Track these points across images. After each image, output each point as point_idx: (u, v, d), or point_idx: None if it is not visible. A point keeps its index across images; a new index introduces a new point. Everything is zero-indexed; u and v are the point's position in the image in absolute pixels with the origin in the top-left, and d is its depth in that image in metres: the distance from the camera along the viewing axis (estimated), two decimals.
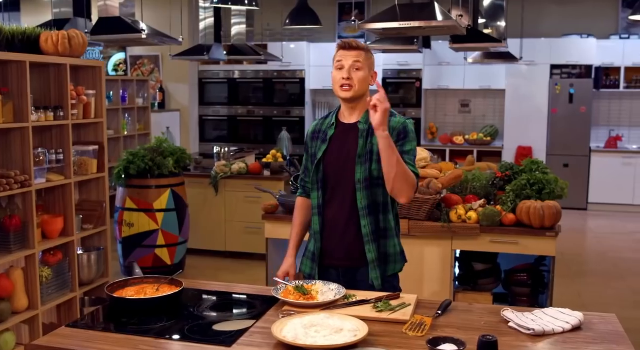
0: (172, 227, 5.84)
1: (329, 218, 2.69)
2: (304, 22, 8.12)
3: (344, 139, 2.65)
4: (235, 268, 6.30)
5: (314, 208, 2.71)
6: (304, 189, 2.85)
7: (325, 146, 2.67)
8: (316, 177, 2.69)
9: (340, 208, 2.66)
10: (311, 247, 2.77)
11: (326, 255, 2.71)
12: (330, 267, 2.72)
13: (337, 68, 2.60)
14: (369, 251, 2.63)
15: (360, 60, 2.58)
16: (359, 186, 2.60)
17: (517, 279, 4.29)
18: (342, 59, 2.59)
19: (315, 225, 2.71)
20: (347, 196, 2.64)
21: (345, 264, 2.69)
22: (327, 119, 2.76)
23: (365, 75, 2.60)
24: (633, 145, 9.66)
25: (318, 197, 2.69)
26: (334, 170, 2.65)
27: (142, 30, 4.63)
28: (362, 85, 2.59)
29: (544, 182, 4.15)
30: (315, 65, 10.43)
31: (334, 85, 2.62)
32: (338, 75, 2.59)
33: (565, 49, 9.39)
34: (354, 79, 2.57)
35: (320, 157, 2.66)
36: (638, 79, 9.40)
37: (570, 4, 9.70)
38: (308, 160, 2.78)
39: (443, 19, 4.05)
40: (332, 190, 2.67)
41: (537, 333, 2.17)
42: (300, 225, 2.84)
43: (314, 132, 2.76)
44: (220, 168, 6.43)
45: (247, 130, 10.65)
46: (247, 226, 6.50)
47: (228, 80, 10.54)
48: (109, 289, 2.48)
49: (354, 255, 2.66)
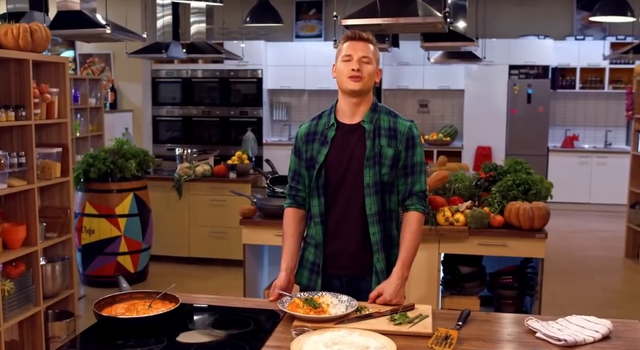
0: (135, 233, 5.56)
1: (332, 226, 2.50)
2: (265, 20, 7.92)
3: (346, 140, 2.47)
4: (201, 274, 6.04)
5: (316, 216, 2.50)
6: (294, 198, 2.60)
7: (327, 149, 2.47)
8: (317, 182, 2.48)
9: (345, 214, 2.48)
10: (310, 257, 2.57)
11: (329, 265, 2.53)
12: (333, 276, 2.54)
13: (345, 60, 2.43)
14: (377, 260, 2.46)
15: (369, 55, 2.43)
16: (368, 191, 2.43)
17: (502, 282, 4.20)
18: (350, 52, 2.42)
19: (317, 235, 2.51)
20: (353, 201, 2.46)
21: (350, 272, 2.51)
22: (322, 119, 2.55)
23: (374, 70, 2.45)
24: (588, 144, 9.82)
25: (319, 205, 2.49)
26: (337, 174, 2.46)
27: (107, 25, 4.34)
28: (370, 79, 2.44)
29: (529, 182, 4.08)
30: (273, 64, 10.22)
31: (340, 77, 2.45)
32: (345, 67, 2.42)
33: (523, 49, 9.47)
34: (363, 71, 2.41)
35: (322, 162, 2.47)
36: (593, 79, 9.56)
37: (526, 5, 9.79)
38: (301, 166, 2.56)
39: (428, 16, 3.92)
40: (335, 196, 2.48)
41: (569, 344, 2.04)
42: (293, 239, 2.57)
43: (307, 134, 2.54)
44: (184, 170, 6.16)
45: (203, 131, 10.34)
46: (212, 231, 6.25)
47: (182, 80, 10.22)
48: (96, 307, 2.24)
49: (361, 264, 2.49)
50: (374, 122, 2.46)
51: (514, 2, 9.77)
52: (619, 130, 9.85)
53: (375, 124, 2.45)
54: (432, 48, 6.19)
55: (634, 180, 6.73)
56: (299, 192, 2.59)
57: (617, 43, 9.31)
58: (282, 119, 10.59)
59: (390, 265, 2.48)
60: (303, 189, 2.57)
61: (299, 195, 2.59)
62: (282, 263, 2.54)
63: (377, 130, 2.45)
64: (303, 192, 2.58)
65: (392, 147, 2.43)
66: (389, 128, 2.45)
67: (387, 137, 2.43)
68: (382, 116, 2.48)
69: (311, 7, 10.38)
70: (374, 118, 2.46)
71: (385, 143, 2.43)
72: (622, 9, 7.08)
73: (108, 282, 5.52)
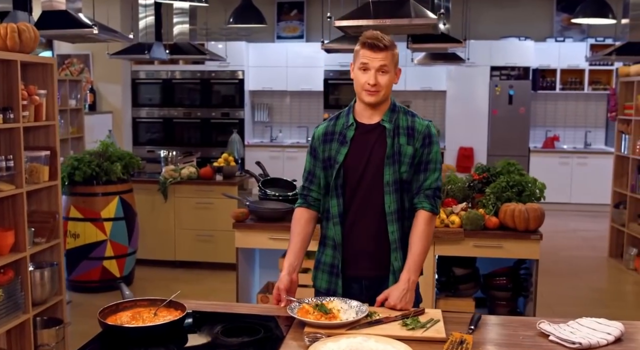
0: (121, 237, 5.46)
1: (349, 226, 2.47)
2: (248, 21, 7.85)
3: (365, 140, 2.45)
4: (188, 278, 5.96)
5: (334, 217, 2.47)
6: (305, 198, 2.58)
7: (347, 149, 2.44)
8: (335, 182, 2.46)
9: (364, 214, 2.46)
10: (327, 260, 2.54)
11: (349, 267, 2.50)
12: (352, 279, 2.51)
13: (362, 69, 2.39)
14: (395, 259, 2.45)
15: (387, 63, 2.37)
16: (388, 189, 2.41)
17: (496, 283, 4.20)
18: (367, 61, 2.37)
19: (336, 236, 2.48)
20: (371, 201, 2.44)
21: (370, 274, 2.48)
22: (340, 119, 2.52)
23: (392, 77, 2.41)
24: (568, 145, 9.92)
25: (338, 205, 2.46)
26: (355, 174, 2.44)
27: (94, 25, 4.25)
28: (388, 88, 2.41)
29: (523, 183, 4.09)
30: (255, 65, 10.16)
31: (357, 86, 2.42)
32: (362, 78, 2.38)
33: (504, 51, 9.53)
34: (380, 83, 2.37)
35: (342, 161, 2.44)
36: (573, 80, 9.66)
37: (507, 7, 9.86)
38: (317, 167, 2.53)
39: (424, 17, 3.91)
40: (353, 196, 2.46)
41: (584, 347, 2.03)
42: (299, 238, 2.54)
43: (325, 134, 2.52)
44: (169, 173, 6.07)
45: (184, 133, 10.24)
46: (199, 234, 6.17)
47: (163, 81, 10.10)
48: (101, 315, 2.18)
49: (381, 264, 2.47)
50: (394, 121, 2.44)
51: (495, 4, 9.84)
52: (599, 131, 9.97)
53: (395, 123, 2.44)
54: (419, 49, 6.20)
55: (618, 180, 6.81)
56: (311, 192, 2.56)
57: (597, 45, 9.43)
58: (264, 121, 10.53)
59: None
60: (316, 189, 2.55)
61: (311, 196, 2.56)
62: (285, 262, 2.51)
63: (397, 129, 2.44)
64: (315, 193, 2.55)
65: (411, 145, 2.42)
66: (407, 127, 2.45)
67: (405, 136, 2.42)
68: (400, 116, 2.47)
69: (293, 8, 10.33)
70: (393, 117, 2.45)
71: (404, 141, 2.42)
72: (603, 11, 7.16)
73: (93, 287, 5.43)
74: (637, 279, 6.13)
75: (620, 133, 6.66)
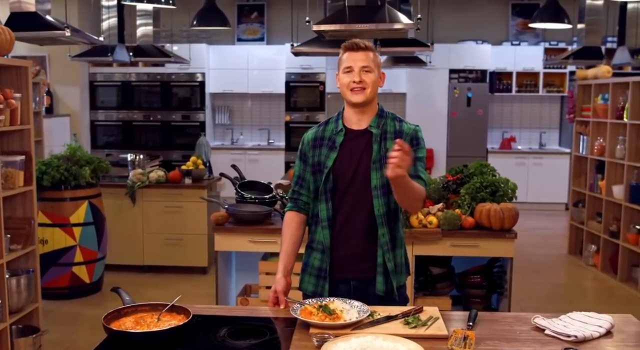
0: (90, 242, 5.38)
1: (338, 230, 2.52)
2: (212, 23, 7.83)
3: (354, 145, 2.50)
4: (158, 283, 5.91)
5: (323, 221, 2.52)
6: (295, 202, 2.62)
7: (336, 154, 2.49)
8: (325, 187, 2.50)
9: (353, 218, 2.50)
10: (315, 263, 2.58)
11: (337, 270, 2.54)
12: (340, 282, 2.55)
13: (346, 72, 2.45)
14: (388, 260, 2.50)
15: (370, 63, 2.45)
16: (376, 193, 2.46)
17: (471, 282, 4.31)
18: (350, 63, 2.44)
19: (325, 240, 2.52)
20: (360, 205, 2.49)
21: (358, 276, 2.53)
22: (329, 125, 2.58)
23: (376, 78, 2.48)
24: (524, 146, 10.20)
25: (327, 209, 2.51)
26: (344, 178, 2.49)
27: (66, 27, 4.18)
28: (374, 88, 2.47)
29: (496, 184, 4.21)
30: (215, 68, 10.11)
31: (343, 89, 2.48)
32: (347, 79, 2.45)
33: (463, 54, 9.74)
34: (366, 81, 2.43)
35: (331, 166, 2.49)
36: (528, 83, 9.94)
37: (464, 11, 10.08)
38: (306, 171, 2.58)
39: (402, 22, 3.98)
40: (342, 200, 2.51)
41: (579, 339, 2.13)
42: (291, 242, 2.58)
43: (314, 140, 2.57)
44: (137, 177, 6.01)
45: (144, 136, 10.10)
46: (168, 238, 6.13)
47: (122, 84, 9.95)
48: (105, 321, 2.17)
49: (369, 266, 2.51)
50: (381, 126, 2.50)
51: (452, 9, 10.04)
52: (552, 132, 10.28)
53: (382, 128, 2.50)
54: (387, 53, 6.29)
55: (576, 180, 7.04)
56: (301, 196, 2.60)
57: (551, 48, 9.73)
58: (225, 123, 10.49)
59: (398, 265, 2.54)
60: (306, 193, 2.58)
61: (301, 199, 2.60)
62: (279, 264, 2.54)
63: (384, 134, 2.49)
64: (305, 197, 2.59)
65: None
66: (395, 131, 2.50)
67: (393, 140, 2.46)
68: (388, 121, 2.53)
69: (253, 10, 10.32)
70: (381, 123, 2.51)
71: (391, 146, 2.45)
72: (559, 16, 7.40)
73: (63, 294, 5.33)
74: (597, 274, 6.37)
75: (579, 134, 6.90)
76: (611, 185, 6.15)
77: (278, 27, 10.32)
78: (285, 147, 10.05)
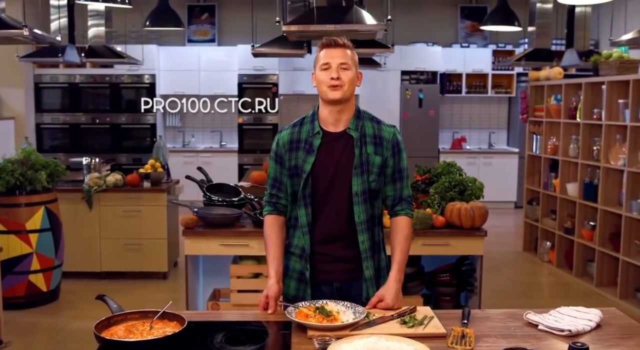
0: (47, 249, 5.20)
1: (319, 235, 2.48)
2: (165, 24, 7.68)
3: (332, 149, 2.43)
4: (117, 289, 5.74)
5: (303, 226, 2.46)
6: (274, 205, 2.55)
7: (314, 158, 2.43)
8: (303, 192, 2.44)
9: (333, 223, 2.46)
10: (296, 267, 2.53)
11: (320, 273, 2.51)
12: (322, 284, 2.52)
13: (323, 69, 2.39)
14: (366, 268, 2.48)
15: (348, 61, 2.39)
16: (357, 199, 2.42)
17: (440, 280, 4.36)
18: (328, 60, 2.38)
19: (306, 245, 2.47)
20: (341, 210, 2.45)
21: (340, 278, 2.50)
22: (304, 126, 2.49)
23: (354, 75, 2.42)
24: (474, 146, 10.41)
25: (307, 214, 2.45)
26: (323, 183, 2.44)
27: (25, 26, 4.01)
28: (351, 85, 2.40)
29: (464, 183, 4.27)
30: (166, 69, 9.94)
31: (320, 86, 2.40)
32: (325, 76, 2.37)
33: (414, 56, 9.87)
34: (343, 78, 2.37)
35: (309, 171, 2.44)
36: (477, 84, 10.15)
37: (414, 13, 10.21)
38: (282, 174, 2.50)
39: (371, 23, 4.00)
40: (321, 204, 2.46)
41: (573, 334, 2.17)
42: (277, 245, 2.52)
43: (290, 142, 2.48)
44: (94, 181, 5.83)
45: (92, 139, 9.82)
46: (126, 243, 5.97)
47: (69, 85, 9.66)
48: (97, 330, 2.09)
49: (351, 268, 2.50)
50: (359, 129, 2.44)
51: (403, 11, 10.14)
52: (501, 132, 10.54)
53: (361, 131, 2.44)
54: None
55: (530, 178, 7.22)
56: (280, 199, 2.54)
57: (499, 50, 9.97)
58: (176, 126, 10.32)
59: (379, 270, 2.53)
60: (284, 196, 2.53)
61: (280, 203, 2.54)
62: (270, 270, 2.48)
63: (363, 137, 2.43)
64: (284, 200, 2.53)
65: (379, 155, 2.43)
66: (374, 135, 2.45)
67: (373, 145, 2.43)
68: (365, 123, 2.47)
69: (204, 11, 10.20)
70: (359, 125, 2.45)
71: (372, 150, 2.43)
72: (510, 19, 7.59)
73: (19, 303, 5.12)
74: (553, 270, 6.55)
75: (532, 134, 7.09)
76: (565, 183, 6.34)
77: (229, 28, 10.23)
78: (239, 149, 9.96)
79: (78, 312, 5.08)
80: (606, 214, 5.70)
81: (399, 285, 2.44)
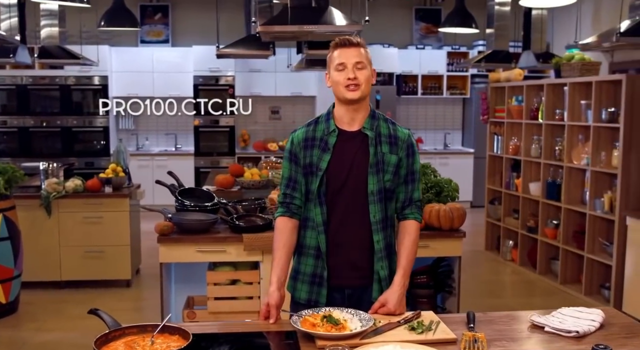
0: (6, 259, 4.97)
1: (332, 235, 2.43)
2: (120, 24, 7.48)
3: (347, 147, 2.42)
4: (79, 299, 5.54)
5: (319, 226, 2.42)
6: (288, 206, 2.48)
7: (329, 155, 2.40)
8: (318, 190, 2.41)
9: (347, 223, 2.43)
10: (308, 270, 2.48)
11: (332, 276, 2.46)
12: (334, 289, 2.47)
13: (338, 69, 2.37)
14: (381, 268, 2.45)
15: (363, 60, 2.39)
16: (372, 198, 2.40)
17: (417, 282, 4.34)
18: (343, 60, 2.36)
19: (321, 245, 2.43)
20: (356, 209, 2.42)
21: (354, 283, 2.46)
22: (319, 125, 2.47)
23: (369, 74, 2.42)
24: (430, 146, 10.52)
25: (322, 213, 2.42)
26: (338, 181, 2.41)
27: None
28: (368, 84, 2.40)
29: (440, 184, 4.28)
30: (118, 70, 9.68)
31: (336, 87, 2.38)
32: (341, 77, 2.36)
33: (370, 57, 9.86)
34: (360, 77, 2.36)
35: (325, 168, 2.40)
36: (432, 85, 10.26)
37: (369, 14, 10.17)
38: (298, 172, 2.46)
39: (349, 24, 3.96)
40: (335, 203, 2.42)
41: (581, 335, 2.18)
42: (285, 250, 2.44)
43: (305, 140, 2.45)
44: (53, 187, 5.60)
45: (42, 143, 9.47)
46: (87, 250, 5.77)
47: (16, 87, 9.28)
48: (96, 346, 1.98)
49: (364, 274, 2.46)
50: (375, 128, 2.43)
51: (356, 12, 10.15)
52: (456, 133, 10.68)
53: (376, 130, 2.43)
54: (314, 55, 6.25)
55: (491, 178, 7.33)
56: (295, 200, 2.48)
57: (453, 52, 10.10)
58: (130, 128, 10.07)
59: (392, 272, 2.49)
60: (299, 196, 2.47)
61: (294, 204, 2.48)
62: (272, 276, 2.41)
63: (378, 136, 2.42)
64: (299, 201, 2.48)
65: (395, 154, 2.42)
66: (389, 135, 2.44)
67: (388, 144, 2.42)
68: (381, 123, 2.46)
69: (157, 11, 9.97)
70: (374, 125, 2.44)
71: (387, 150, 2.41)
72: (467, 21, 7.70)
73: None
74: (516, 268, 6.66)
75: (493, 134, 7.19)
76: (528, 182, 6.45)
77: (183, 28, 10.05)
78: (195, 152, 9.78)
79: (40, 324, 4.86)
80: (570, 213, 5.82)
81: (403, 290, 2.41)
